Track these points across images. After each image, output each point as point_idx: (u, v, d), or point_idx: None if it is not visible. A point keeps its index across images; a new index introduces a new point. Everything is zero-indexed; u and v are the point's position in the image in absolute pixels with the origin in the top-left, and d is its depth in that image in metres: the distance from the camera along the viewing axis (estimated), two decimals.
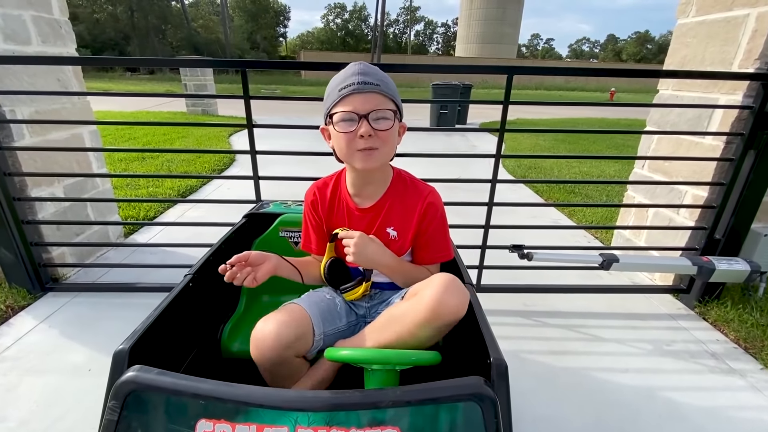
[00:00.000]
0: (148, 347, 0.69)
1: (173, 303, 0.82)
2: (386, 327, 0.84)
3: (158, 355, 0.73)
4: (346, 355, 0.73)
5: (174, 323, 0.83)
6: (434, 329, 0.78)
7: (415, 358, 0.71)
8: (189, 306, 0.93)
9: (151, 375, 0.53)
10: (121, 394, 0.52)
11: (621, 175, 4.26)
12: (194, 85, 8.38)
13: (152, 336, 0.70)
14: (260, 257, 0.89)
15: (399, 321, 0.82)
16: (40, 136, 1.83)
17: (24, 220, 1.73)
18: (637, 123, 8.94)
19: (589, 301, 1.92)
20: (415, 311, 0.78)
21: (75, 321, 1.67)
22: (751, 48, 1.60)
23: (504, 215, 2.35)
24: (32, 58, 1.75)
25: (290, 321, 0.86)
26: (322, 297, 1.02)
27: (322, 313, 0.95)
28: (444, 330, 0.80)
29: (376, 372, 0.72)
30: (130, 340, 0.63)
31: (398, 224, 0.98)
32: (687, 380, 1.45)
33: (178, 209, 2.95)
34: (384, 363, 0.70)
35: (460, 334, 0.83)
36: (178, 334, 0.86)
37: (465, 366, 0.79)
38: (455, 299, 0.77)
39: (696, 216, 1.87)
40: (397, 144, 0.95)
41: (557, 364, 1.51)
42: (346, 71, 0.89)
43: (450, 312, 0.77)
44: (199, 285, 0.97)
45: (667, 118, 2.03)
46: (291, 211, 1.30)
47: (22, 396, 1.29)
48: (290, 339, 0.84)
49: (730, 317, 1.74)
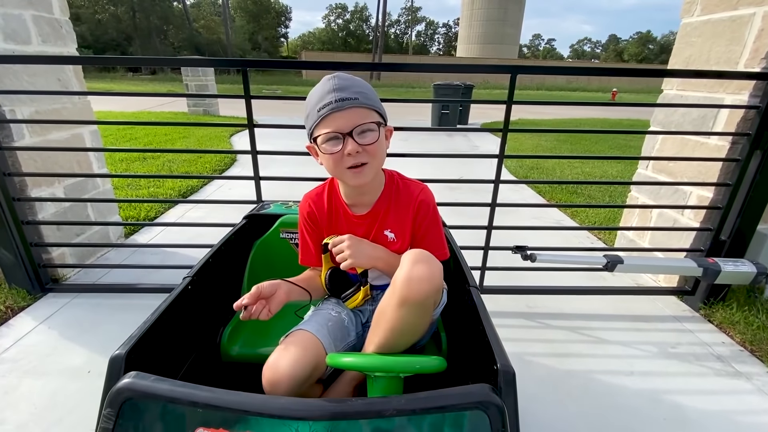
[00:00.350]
0: (146, 351, 0.67)
1: (171, 306, 0.80)
2: (377, 323, 0.83)
3: (156, 359, 0.71)
4: (347, 362, 0.71)
5: (172, 327, 0.82)
6: (413, 309, 0.76)
7: (419, 366, 0.69)
8: (188, 309, 0.91)
9: (148, 382, 0.51)
10: (117, 401, 0.50)
11: (624, 176, 4.23)
12: (196, 86, 8.38)
13: (150, 340, 0.69)
14: (271, 288, 0.86)
15: (384, 312, 0.80)
16: (41, 136, 1.82)
17: (24, 220, 1.72)
18: (639, 123, 8.91)
19: (592, 302, 1.90)
20: (392, 294, 0.77)
21: (74, 322, 1.66)
22: (758, 47, 1.59)
23: (507, 216, 2.34)
24: (32, 58, 1.74)
25: (304, 356, 0.82)
26: (329, 315, 0.98)
27: (333, 333, 0.93)
28: (426, 309, 0.79)
29: (379, 379, 0.71)
30: (126, 345, 0.62)
31: (395, 226, 0.97)
32: (692, 383, 1.43)
33: (179, 209, 2.94)
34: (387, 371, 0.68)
35: (466, 339, 0.81)
36: (176, 338, 0.84)
37: (471, 372, 0.77)
38: (423, 268, 0.75)
39: (701, 217, 1.85)
40: (386, 148, 0.93)
41: (561, 366, 1.49)
42: (323, 88, 0.85)
43: (422, 285, 0.75)
44: (198, 287, 0.95)
45: (672, 118, 2.01)
46: (292, 212, 1.29)
47: (20, 398, 1.28)
48: (306, 375, 0.81)
49: (736, 319, 1.72)
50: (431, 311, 0.81)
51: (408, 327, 0.79)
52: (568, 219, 3.00)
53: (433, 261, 0.78)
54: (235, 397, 0.50)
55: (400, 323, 0.78)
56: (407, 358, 0.72)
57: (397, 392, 0.73)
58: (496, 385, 0.60)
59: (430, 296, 0.77)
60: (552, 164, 4.61)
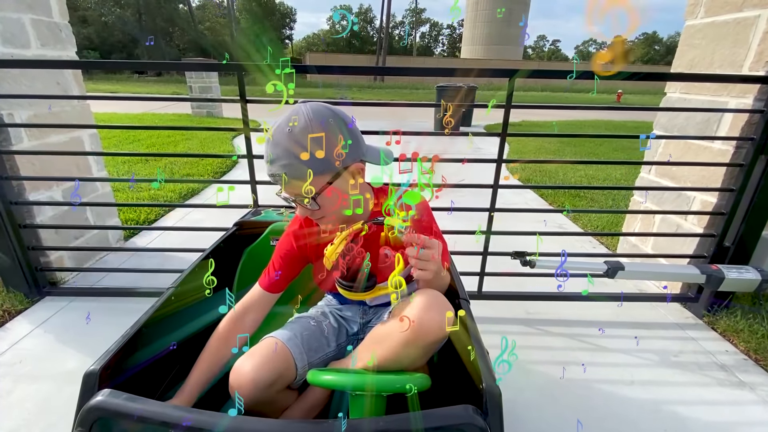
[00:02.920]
0: (124, 365, 0.65)
1: (153, 317, 0.78)
2: (374, 345, 0.80)
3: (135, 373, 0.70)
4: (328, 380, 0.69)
5: (153, 339, 0.80)
6: (418, 350, 0.74)
7: (400, 385, 0.67)
8: (171, 320, 0.89)
9: (120, 401, 0.50)
10: (88, 420, 0.49)
11: (627, 178, 4.19)
12: (199, 87, 8.42)
13: (129, 353, 0.67)
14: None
15: (382, 343, 0.78)
16: (39, 140, 1.82)
17: (22, 224, 1.72)
18: (644, 125, 8.83)
19: (593, 309, 1.87)
20: (397, 333, 0.74)
21: (71, 326, 1.65)
22: (763, 50, 1.56)
23: (507, 220, 2.31)
24: (31, 62, 1.75)
25: (266, 363, 0.81)
26: (307, 324, 0.96)
27: (307, 343, 0.90)
28: (430, 350, 0.77)
29: (360, 397, 0.69)
30: (101, 361, 0.60)
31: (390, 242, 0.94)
32: (695, 394, 1.40)
33: (180, 211, 2.94)
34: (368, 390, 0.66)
35: (454, 354, 0.79)
36: (158, 351, 0.82)
37: (458, 389, 0.75)
38: (438, 318, 0.73)
39: (705, 222, 1.81)
40: (355, 186, 0.83)
41: (560, 375, 1.46)
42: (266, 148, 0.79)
43: (432, 332, 0.72)
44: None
45: (675, 121, 1.98)
46: (283, 218, 1.27)
47: (14, 404, 1.27)
48: (268, 381, 0.80)
49: (740, 327, 1.68)
50: (435, 350, 0.79)
51: (408, 361, 0.77)
52: (569, 222, 2.96)
53: (446, 308, 0.75)
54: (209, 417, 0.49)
55: (399, 357, 0.76)
56: (389, 377, 0.70)
57: (379, 410, 0.71)
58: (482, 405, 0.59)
59: (438, 342, 0.76)
60: (555, 166, 4.57)
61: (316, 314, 1.01)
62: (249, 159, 1.68)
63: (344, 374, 0.68)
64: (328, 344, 0.96)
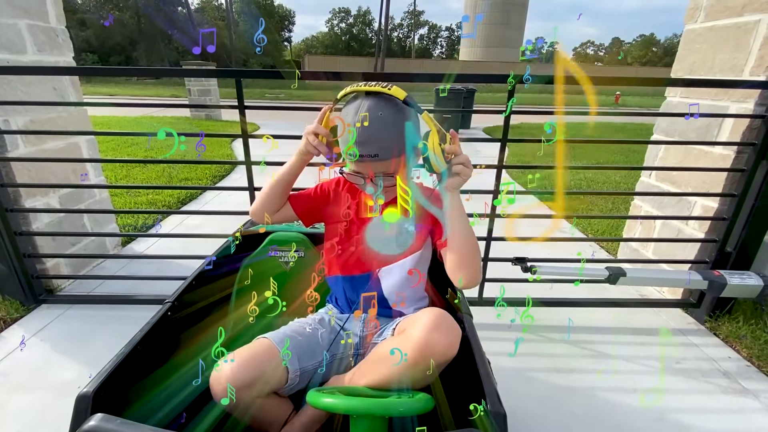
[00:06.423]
0: (120, 385, 0.63)
1: (149, 335, 0.76)
2: (373, 369, 0.79)
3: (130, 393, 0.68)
4: (328, 403, 0.67)
5: (150, 357, 0.78)
6: (424, 370, 0.73)
7: (403, 408, 0.65)
8: (168, 337, 0.87)
9: (113, 425, 0.48)
10: None
11: (627, 182, 4.18)
12: (198, 90, 8.41)
13: (124, 373, 0.65)
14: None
15: (386, 363, 0.76)
16: (35, 146, 1.80)
17: (17, 231, 1.70)
18: (643, 127, 8.83)
19: (595, 315, 1.85)
20: (402, 348, 0.72)
21: (67, 335, 1.63)
22: (763, 54, 1.55)
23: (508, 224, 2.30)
24: (27, 68, 1.73)
25: (248, 360, 0.79)
26: (302, 330, 0.95)
27: (298, 348, 0.88)
28: (436, 370, 0.75)
29: (361, 419, 0.67)
30: (94, 383, 0.59)
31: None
32: (698, 401, 1.39)
33: (178, 216, 2.92)
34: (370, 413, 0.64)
35: (457, 370, 0.77)
36: (154, 369, 0.80)
37: (462, 407, 0.73)
38: (444, 339, 0.72)
39: (706, 227, 1.80)
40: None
41: (562, 383, 1.45)
42: (348, 128, 0.86)
43: (438, 353, 0.71)
44: (179, 313, 0.91)
45: (676, 126, 1.97)
46: (282, 228, 1.24)
47: (9, 415, 1.25)
48: (247, 381, 0.77)
49: (743, 333, 1.67)
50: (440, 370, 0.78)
51: (412, 381, 0.76)
52: (570, 227, 2.95)
53: (455, 331, 0.75)
54: None
55: (403, 377, 0.75)
56: (392, 399, 0.68)
57: (381, 431, 0.69)
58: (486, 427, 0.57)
59: (445, 363, 0.75)
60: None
61: (314, 321, 0.99)
62: (247, 166, 1.66)
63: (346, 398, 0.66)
64: (324, 352, 0.94)
